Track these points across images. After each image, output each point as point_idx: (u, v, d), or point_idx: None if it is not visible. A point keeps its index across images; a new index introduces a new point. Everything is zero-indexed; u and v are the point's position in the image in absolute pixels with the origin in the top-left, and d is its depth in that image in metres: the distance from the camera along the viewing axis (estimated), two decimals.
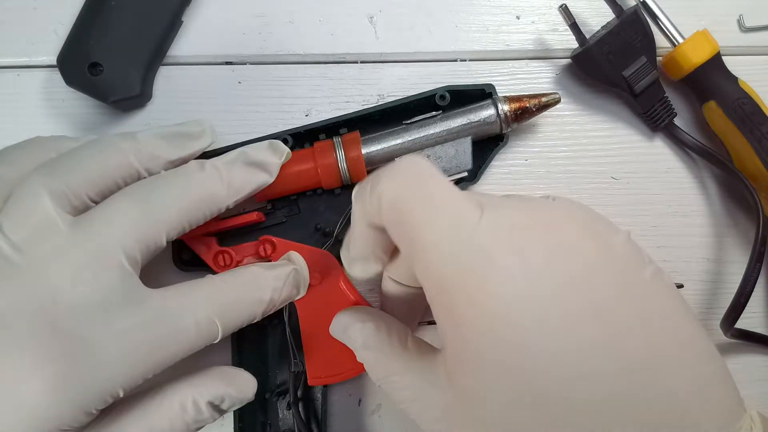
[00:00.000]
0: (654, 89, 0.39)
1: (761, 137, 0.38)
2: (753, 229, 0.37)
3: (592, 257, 0.25)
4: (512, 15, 0.42)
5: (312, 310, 0.36)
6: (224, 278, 0.32)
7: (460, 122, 0.37)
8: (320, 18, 0.41)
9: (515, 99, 0.37)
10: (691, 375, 0.24)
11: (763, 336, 0.38)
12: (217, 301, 0.30)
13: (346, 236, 0.31)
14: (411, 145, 0.37)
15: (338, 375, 0.35)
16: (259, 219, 0.36)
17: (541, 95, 0.37)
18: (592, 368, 0.23)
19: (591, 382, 0.23)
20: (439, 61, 0.41)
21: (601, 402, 0.23)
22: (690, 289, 0.40)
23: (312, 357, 0.36)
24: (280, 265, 0.34)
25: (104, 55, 0.37)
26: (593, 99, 0.41)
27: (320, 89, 0.40)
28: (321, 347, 0.35)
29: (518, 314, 0.23)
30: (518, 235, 0.25)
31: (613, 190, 0.41)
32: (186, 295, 0.30)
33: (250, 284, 0.32)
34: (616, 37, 0.38)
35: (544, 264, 0.24)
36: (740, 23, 0.42)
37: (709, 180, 0.41)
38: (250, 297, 0.31)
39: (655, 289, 0.25)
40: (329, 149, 0.36)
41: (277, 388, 0.37)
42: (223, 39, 0.41)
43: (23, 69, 0.40)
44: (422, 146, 0.37)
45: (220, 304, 0.30)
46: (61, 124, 0.40)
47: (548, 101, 0.37)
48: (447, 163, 0.37)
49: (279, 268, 0.33)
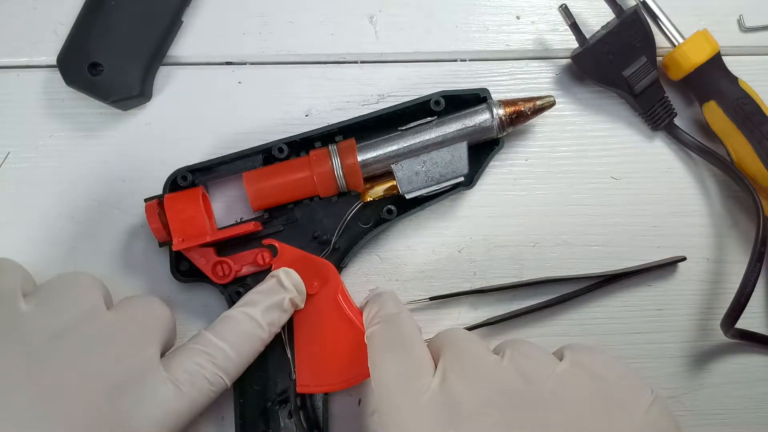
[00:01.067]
0: (654, 89, 0.39)
1: (761, 137, 0.38)
2: (753, 229, 0.37)
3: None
4: (512, 15, 0.42)
5: (307, 318, 0.36)
6: (223, 336, 0.33)
7: (455, 127, 0.37)
8: (320, 18, 0.41)
9: (510, 103, 0.37)
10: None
11: (763, 336, 0.38)
12: (220, 360, 0.32)
13: None
14: (407, 151, 0.37)
15: (328, 385, 0.35)
16: (257, 228, 0.36)
17: (536, 98, 0.37)
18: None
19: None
20: (439, 61, 0.41)
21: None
22: (690, 289, 0.40)
23: (303, 364, 0.35)
24: (275, 296, 0.34)
25: (104, 55, 0.37)
26: (593, 99, 0.41)
27: (320, 89, 0.40)
28: (313, 356, 0.35)
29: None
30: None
31: (613, 190, 0.41)
32: (192, 363, 0.32)
33: (249, 334, 0.33)
34: (616, 37, 0.38)
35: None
36: (740, 23, 0.42)
37: (709, 180, 0.41)
38: (250, 344, 0.33)
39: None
40: (325, 157, 0.36)
41: (278, 397, 0.36)
42: (223, 39, 0.41)
43: (23, 69, 0.40)
44: (418, 152, 0.37)
45: (222, 361, 0.32)
46: (61, 124, 0.40)
47: (543, 104, 0.37)
48: (443, 168, 0.37)
49: (272, 309, 0.34)
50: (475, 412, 0.27)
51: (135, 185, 0.39)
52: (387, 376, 0.30)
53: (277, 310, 0.34)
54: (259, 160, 0.37)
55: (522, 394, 0.28)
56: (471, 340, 0.31)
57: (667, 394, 0.40)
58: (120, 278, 0.38)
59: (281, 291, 0.34)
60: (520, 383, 0.28)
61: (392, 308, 0.33)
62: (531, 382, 0.28)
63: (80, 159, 0.40)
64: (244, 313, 0.33)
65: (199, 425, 0.38)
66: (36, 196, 0.39)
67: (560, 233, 0.40)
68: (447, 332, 0.32)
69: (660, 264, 0.40)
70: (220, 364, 0.32)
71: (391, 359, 0.31)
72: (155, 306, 0.34)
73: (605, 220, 0.40)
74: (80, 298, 0.31)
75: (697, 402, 0.40)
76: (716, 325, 0.38)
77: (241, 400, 0.36)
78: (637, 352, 0.40)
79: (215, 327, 0.33)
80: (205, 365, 0.32)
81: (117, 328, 0.31)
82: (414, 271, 0.40)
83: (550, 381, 0.28)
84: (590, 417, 0.27)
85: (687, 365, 0.40)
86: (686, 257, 0.40)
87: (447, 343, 0.31)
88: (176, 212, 0.35)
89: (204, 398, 0.32)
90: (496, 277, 0.40)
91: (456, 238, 0.40)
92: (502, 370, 0.29)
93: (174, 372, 0.31)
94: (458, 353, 0.30)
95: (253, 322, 0.33)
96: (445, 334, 0.32)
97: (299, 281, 0.35)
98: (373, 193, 0.38)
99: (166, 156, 0.39)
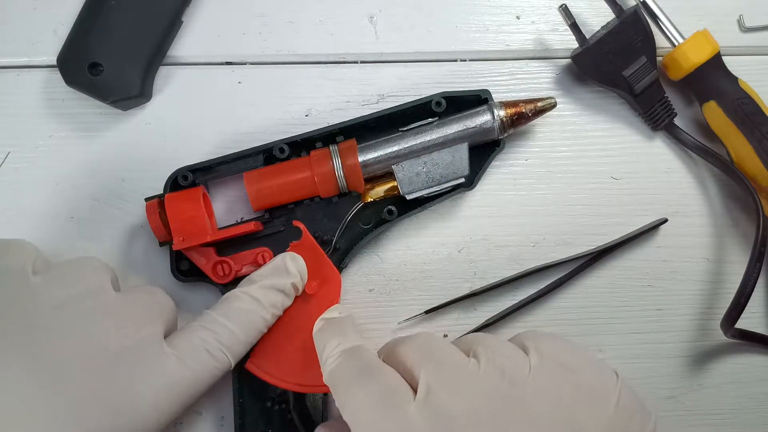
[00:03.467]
0: (654, 89, 0.39)
1: (761, 137, 0.38)
2: (753, 229, 0.37)
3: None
4: (512, 15, 0.42)
5: (292, 309, 0.35)
6: (226, 314, 0.33)
7: (456, 128, 0.37)
8: (320, 18, 0.41)
9: (511, 104, 0.37)
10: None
11: (763, 336, 0.38)
12: (223, 337, 0.32)
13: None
14: (407, 152, 0.37)
15: (277, 379, 0.35)
16: (257, 228, 0.36)
17: (537, 100, 0.37)
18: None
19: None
20: (439, 61, 0.41)
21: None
22: (690, 289, 0.41)
23: (265, 346, 0.35)
24: (277, 278, 0.34)
25: (104, 55, 0.37)
26: (593, 99, 0.41)
27: (320, 89, 0.40)
28: (279, 345, 0.35)
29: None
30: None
31: (613, 190, 0.41)
32: (195, 338, 0.32)
33: (251, 312, 0.33)
34: (616, 37, 0.38)
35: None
36: (740, 23, 0.42)
37: (709, 180, 0.41)
38: (252, 323, 0.33)
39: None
40: (326, 157, 0.36)
41: (278, 397, 0.36)
42: (223, 39, 0.41)
43: (23, 69, 0.40)
44: (418, 153, 0.37)
45: (226, 338, 0.32)
46: (61, 124, 0.40)
47: (544, 106, 0.37)
48: (444, 169, 0.37)
49: (274, 291, 0.34)
50: (467, 422, 0.27)
51: (135, 185, 0.39)
52: (364, 407, 0.28)
53: (279, 293, 0.34)
54: (260, 160, 0.37)
55: (508, 396, 0.28)
56: (445, 348, 0.30)
57: (667, 394, 0.40)
58: (121, 277, 0.38)
59: (285, 274, 0.34)
60: (504, 386, 0.28)
61: (353, 340, 0.32)
62: (513, 383, 0.28)
63: (80, 159, 0.40)
64: (245, 293, 0.33)
65: (199, 425, 0.38)
66: (36, 196, 0.39)
67: (560, 233, 0.40)
68: (418, 341, 0.31)
69: (643, 230, 0.40)
70: (224, 341, 0.32)
71: (364, 390, 0.29)
72: (159, 294, 0.34)
73: (605, 220, 0.40)
74: (88, 276, 0.32)
75: (697, 402, 0.40)
76: (716, 325, 0.38)
77: (241, 399, 0.36)
78: (637, 352, 0.40)
79: (217, 306, 0.33)
80: (209, 340, 0.32)
81: (121, 306, 0.32)
82: (414, 271, 0.40)
83: (529, 379, 0.28)
84: (572, 409, 0.28)
85: (687, 365, 0.40)
86: (667, 219, 0.40)
87: (422, 355, 0.30)
88: (177, 212, 0.35)
89: (207, 374, 0.32)
90: (496, 277, 0.40)
91: (456, 239, 0.40)
92: (485, 375, 0.28)
93: (177, 346, 0.31)
94: (437, 365, 0.29)
95: (255, 302, 0.33)
96: (416, 344, 0.31)
97: (304, 269, 0.35)
98: (374, 194, 0.38)
99: (166, 156, 0.39)
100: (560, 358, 0.29)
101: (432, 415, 0.27)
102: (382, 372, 0.30)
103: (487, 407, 0.28)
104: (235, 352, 0.33)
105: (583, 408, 0.28)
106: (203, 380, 0.32)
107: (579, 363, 0.30)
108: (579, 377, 0.29)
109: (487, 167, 0.38)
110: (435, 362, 0.29)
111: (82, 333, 0.30)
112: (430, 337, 0.31)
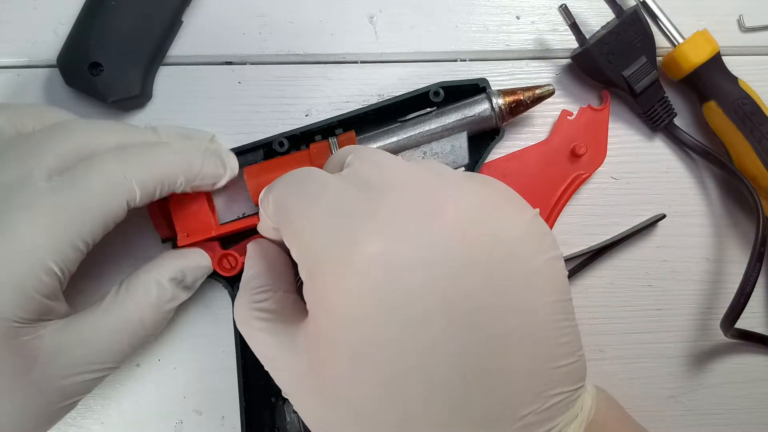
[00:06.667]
0: (654, 89, 0.39)
1: (761, 137, 0.38)
2: (753, 229, 0.37)
3: (463, 254, 0.25)
4: (512, 15, 0.42)
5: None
6: (134, 145, 0.32)
7: (455, 117, 0.37)
8: (320, 18, 0.41)
9: (509, 92, 0.37)
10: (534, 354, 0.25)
11: (763, 336, 0.39)
12: (126, 159, 0.30)
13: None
14: (407, 142, 0.37)
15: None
16: None
17: (535, 87, 0.37)
18: (436, 363, 0.24)
19: (434, 373, 0.24)
20: (439, 61, 0.41)
21: (445, 394, 0.24)
22: (690, 289, 0.41)
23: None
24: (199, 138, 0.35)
25: (104, 55, 0.37)
26: (593, 99, 0.41)
27: (320, 89, 0.40)
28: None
29: (366, 316, 0.24)
30: (395, 226, 0.25)
31: (613, 190, 0.41)
32: (91, 158, 0.30)
33: (163, 146, 0.32)
34: (616, 37, 0.38)
35: (407, 266, 0.24)
36: (740, 23, 0.42)
37: (709, 180, 0.41)
38: (164, 157, 0.32)
39: (533, 282, 0.26)
40: (325, 150, 0.36)
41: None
42: (223, 39, 0.41)
43: (23, 69, 0.40)
44: (418, 143, 0.37)
45: (128, 161, 0.30)
46: None
47: (542, 93, 0.37)
48: (443, 158, 0.37)
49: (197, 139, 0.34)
50: (385, 187, 0.26)
51: None
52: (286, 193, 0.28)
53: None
54: (260, 154, 0.37)
55: (430, 178, 0.27)
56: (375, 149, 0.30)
57: (667, 394, 0.40)
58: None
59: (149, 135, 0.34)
60: (431, 172, 0.28)
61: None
62: (440, 174, 0.27)
63: None
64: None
65: (199, 425, 0.38)
66: None
67: (560, 233, 0.40)
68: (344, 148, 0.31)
69: (642, 227, 0.40)
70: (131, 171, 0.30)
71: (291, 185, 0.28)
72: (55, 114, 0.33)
73: (605, 220, 0.40)
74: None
75: (697, 402, 0.40)
76: (716, 325, 0.38)
77: (247, 395, 0.36)
78: (637, 352, 0.40)
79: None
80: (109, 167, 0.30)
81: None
82: None
83: (455, 173, 0.28)
84: (491, 210, 0.27)
85: (687, 365, 0.40)
86: (665, 215, 0.40)
87: (347, 152, 0.30)
88: (180, 208, 0.35)
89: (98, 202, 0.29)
90: None
91: None
92: (412, 163, 0.28)
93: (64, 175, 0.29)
94: (360, 153, 0.29)
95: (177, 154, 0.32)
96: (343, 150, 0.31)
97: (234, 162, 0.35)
98: None
99: None
100: (480, 179, 0.29)
101: (350, 180, 0.27)
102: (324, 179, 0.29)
103: (409, 177, 0.27)
104: (144, 183, 0.30)
105: (504, 209, 0.27)
106: (93, 208, 0.29)
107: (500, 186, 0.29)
108: (498, 191, 0.28)
109: (487, 155, 0.38)
110: (359, 152, 0.30)
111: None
112: (361, 147, 0.31)
